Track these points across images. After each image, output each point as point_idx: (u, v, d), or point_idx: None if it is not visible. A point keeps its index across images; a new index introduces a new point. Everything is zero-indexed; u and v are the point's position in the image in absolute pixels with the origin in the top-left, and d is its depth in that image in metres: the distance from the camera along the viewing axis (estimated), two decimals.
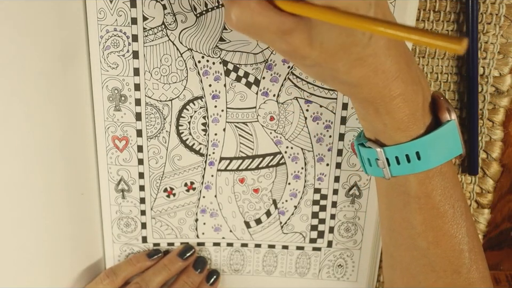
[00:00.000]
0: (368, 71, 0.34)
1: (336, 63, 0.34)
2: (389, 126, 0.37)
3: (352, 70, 0.34)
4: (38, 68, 0.45)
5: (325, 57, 0.33)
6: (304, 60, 0.34)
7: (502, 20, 0.47)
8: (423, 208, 0.40)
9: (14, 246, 0.49)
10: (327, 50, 0.33)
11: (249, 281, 0.58)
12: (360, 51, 0.33)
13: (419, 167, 0.38)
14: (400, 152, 0.38)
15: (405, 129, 0.37)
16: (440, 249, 0.40)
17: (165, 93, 0.48)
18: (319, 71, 0.35)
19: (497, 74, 0.49)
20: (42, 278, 0.52)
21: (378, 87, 0.35)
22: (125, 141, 0.50)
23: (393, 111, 0.37)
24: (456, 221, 0.40)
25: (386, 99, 0.36)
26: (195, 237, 0.55)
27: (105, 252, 0.55)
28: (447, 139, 0.38)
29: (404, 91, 0.36)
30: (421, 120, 0.37)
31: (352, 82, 0.35)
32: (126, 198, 0.53)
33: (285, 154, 0.51)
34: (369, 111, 0.38)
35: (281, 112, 0.50)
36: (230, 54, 0.47)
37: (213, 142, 0.50)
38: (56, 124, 0.47)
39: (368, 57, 0.34)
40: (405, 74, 0.36)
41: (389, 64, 0.35)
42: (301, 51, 0.33)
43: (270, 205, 0.54)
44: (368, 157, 0.41)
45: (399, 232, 0.42)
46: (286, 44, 0.33)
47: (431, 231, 0.40)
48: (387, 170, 0.39)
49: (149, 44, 0.46)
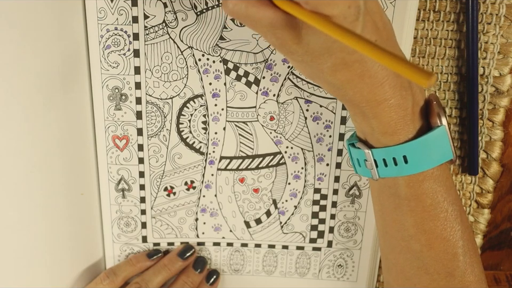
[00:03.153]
0: (353, 75, 0.35)
1: (321, 64, 0.34)
2: (375, 129, 0.38)
3: (337, 73, 0.35)
4: (38, 68, 0.45)
5: (311, 57, 0.34)
6: (292, 55, 0.35)
7: (502, 19, 0.48)
8: (414, 211, 0.40)
9: (14, 246, 0.49)
10: (313, 51, 0.34)
11: (249, 281, 0.58)
12: (346, 56, 0.34)
13: (406, 171, 0.38)
14: (387, 155, 0.38)
15: (392, 133, 0.38)
16: (433, 252, 0.40)
17: (166, 91, 0.48)
18: (305, 68, 0.36)
19: (497, 74, 0.49)
20: (42, 278, 0.52)
21: (363, 92, 0.36)
22: (125, 140, 0.50)
23: (379, 115, 0.37)
24: (450, 224, 0.40)
25: (372, 103, 0.36)
26: (195, 237, 0.55)
27: (105, 252, 0.55)
28: (437, 144, 0.38)
29: (391, 96, 0.36)
30: (410, 125, 0.38)
31: (336, 84, 0.36)
32: (126, 197, 0.53)
33: (285, 154, 0.52)
34: (356, 113, 0.38)
35: (281, 112, 0.50)
36: (230, 53, 0.47)
37: (213, 141, 0.51)
38: (56, 124, 0.48)
39: (354, 62, 0.34)
40: (393, 79, 0.36)
41: (376, 69, 0.35)
42: (288, 47, 0.34)
43: (270, 205, 0.54)
44: (357, 157, 0.41)
45: (392, 235, 0.42)
46: (276, 38, 0.34)
47: (423, 234, 0.40)
48: (375, 172, 0.40)
49: (149, 42, 0.46)
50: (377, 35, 0.34)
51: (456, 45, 0.49)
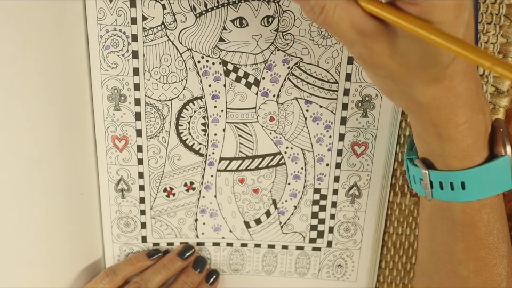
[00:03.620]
0: (440, 92, 0.33)
1: (412, 79, 0.32)
2: (447, 152, 0.36)
3: (426, 89, 0.33)
4: (38, 67, 0.45)
5: (402, 71, 0.32)
6: (378, 69, 0.32)
7: (502, 19, 0.47)
8: (466, 237, 0.39)
9: (13, 246, 0.49)
10: (407, 64, 0.31)
11: (249, 281, 0.58)
12: (440, 71, 0.32)
13: (461, 197, 0.37)
14: (445, 178, 0.37)
15: (462, 158, 0.36)
16: (480, 279, 0.40)
17: (165, 92, 0.48)
18: (390, 84, 0.34)
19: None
20: (41, 277, 0.52)
21: (446, 111, 0.34)
22: (124, 140, 0.50)
23: (456, 139, 0.35)
24: (500, 253, 0.39)
25: (451, 125, 0.35)
26: (195, 237, 0.55)
27: (105, 252, 0.55)
28: (497, 174, 0.37)
29: (470, 119, 0.35)
30: (482, 151, 0.36)
31: (422, 102, 0.34)
32: (125, 197, 0.53)
33: (285, 155, 0.51)
34: (431, 134, 0.36)
35: (281, 112, 0.50)
36: (230, 54, 0.47)
37: (213, 142, 0.50)
38: (55, 124, 0.47)
39: (445, 78, 0.32)
40: (474, 101, 0.34)
41: (462, 89, 0.33)
42: (378, 59, 0.31)
43: (270, 205, 0.54)
44: (413, 174, 0.40)
45: (440, 256, 0.41)
46: (365, 48, 0.31)
47: (473, 261, 0.39)
48: (429, 192, 0.39)
49: (148, 44, 0.46)
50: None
51: None
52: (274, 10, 0.45)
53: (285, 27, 0.46)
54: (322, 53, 0.47)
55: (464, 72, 0.33)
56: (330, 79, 0.48)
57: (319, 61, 0.47)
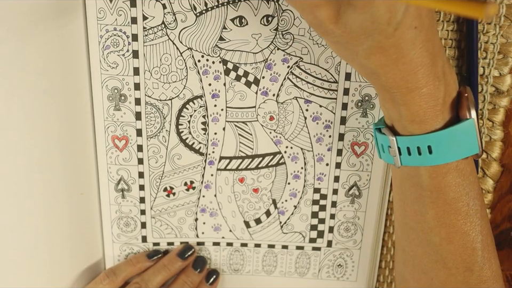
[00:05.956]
0: (388, 60, 0.35)
1: (357, 46, 0.34)
2: (403, 116, 0.38)
3: (372, 56, 0.35)
4: (38, 68, 0.45)
5: (347, 38, 0.34)
6: (328, 35, 0.35)
7: (502, 19, 0.47)
8: (435, 203, 0.39)
9: (13, 246, 0.49)
10: (350, 32, 0.33)
11: (249, 281, 0.58)
12: (382, 40, 0.33)
13: (429, 161, 0.38)
14: (411, 143, 0.38)
15: (420, 122, 0.37)
16: (452, 246, 0.40)
17: (165, 92, 0.48)
18: (340, 49, 0.36)
19: (497, 74, 0.49)
20: (42, 278, 0.52)
21: (396, 78, 0.36)
22: (124, 140, 0.50)
23: (409, 103, 0.37)
24: (470, 219, 0.40)
25: (403, 90, 0.36)
26: (195, 237, 0.55)
27: (105, 252, 0.55)
28: (464, 137, 0.38)
29: (424, 85, 0.36)
30: (440, 115, 0.37)
31: (370, 67, 0.36)
32: (125, 197, 0.53)
33: (285, 154, 0.51)
34: (386, 99, 0.38)
35: (280, 111, 0.50)
36: (230, 53, 0.47)
37: (213, 141, 0.50)
38: (55, 124, 0.48)
39: (390, 47, 0.34)
40: (428, 68, 0.36)
41: (411, 57, 0.35)
42: (325, 26, 0.34)
43: (270, 205, 0.54)
44: (382, 142, 0.41)
45: (411, 226, 0.42)
46: (313, 16, 0.34)
47: (444, 227, 0.40)
48: (397, 159, 0.40)
49: (148, 43, 0.46)
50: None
51: (456, 45, 0.49)
52: (274, 9, 0.45)
53: (284, 26, 0.46)
54: (322, 52, 0.47)
55: (412, 42, 0.34)
56: (330, 78, 0.48)
57: (319, 60, 0.47)
